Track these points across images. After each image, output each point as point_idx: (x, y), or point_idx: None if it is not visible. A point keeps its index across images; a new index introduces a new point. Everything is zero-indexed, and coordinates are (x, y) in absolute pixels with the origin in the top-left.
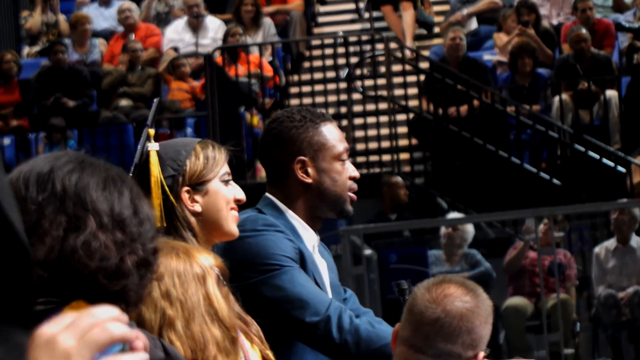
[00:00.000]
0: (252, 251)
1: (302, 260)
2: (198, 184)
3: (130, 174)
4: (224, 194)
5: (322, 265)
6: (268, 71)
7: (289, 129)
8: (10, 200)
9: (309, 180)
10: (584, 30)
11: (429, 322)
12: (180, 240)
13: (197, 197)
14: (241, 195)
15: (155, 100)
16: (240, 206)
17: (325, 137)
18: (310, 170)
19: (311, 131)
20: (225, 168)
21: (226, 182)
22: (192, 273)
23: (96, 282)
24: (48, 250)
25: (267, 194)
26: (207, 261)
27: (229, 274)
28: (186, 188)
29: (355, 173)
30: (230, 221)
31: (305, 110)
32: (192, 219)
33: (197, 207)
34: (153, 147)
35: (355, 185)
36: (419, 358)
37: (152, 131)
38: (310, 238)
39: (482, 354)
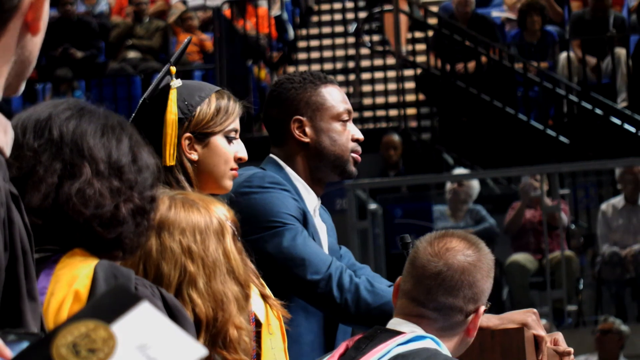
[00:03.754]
0: (257, 208)
1: (305, 222)
2: (201, 134)
3: (138, 107)
4: (225, 151)
5: (322, 229)
6: (272, 27)
7: (287, 90)
8: None
9: (307, 140)
10: None
11: (430, 275)
12: (173, 181)
13: (197, 147)
14: (243, 153)
15: (188, 38)
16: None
17: (324, 97)
18: (307, 129)
19: (309, 91)
20: (234, 124)
21: (230, 140)
22: (213, 229)
23: (91, 229)
24: (43, 197)
25: (271, 155)
26: (222, 214)
27: (240, 227)
28: (188, 134)
29: (359, 135)
30: (226, 178)
31: (307, 73)
32: (188, 165)
33: (194, 156)
34: (176, 84)
35: (359, 148)
36: (420, 311)
37: (174, 69)
38: (311, 201)
39: (482, 308)
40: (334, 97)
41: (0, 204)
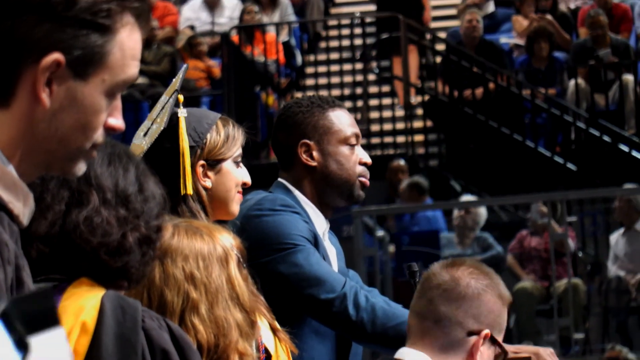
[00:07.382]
0: (269, 230)
1: (316, 244)
2: (214, 161)
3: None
4: (235, 176)
5: (332, 252)
6: (280, 52)
7: (295, 114)
8: None
9: (314, 164)
10: (602, 16)
11: (434, 286)
12: (187, 210)
13: (210, 173)
14: (248, 179)
15: (184, 65)
16: (252, 187)
17: (331, 121)
18: (315, 153)
19: (317, 115)
20: (239, 150)
21: (237, 164)
22: (216, 255)
23: (98, 258)
24: (50, 225)
25: (279, 179)
26: (228, 242)
27: (246, 254)
28: (202, 162)
29: (367, 159)
30: (234, 202)
31: (315, 97)
32: (203, 192)
33: (208, 183)
34: (183, 113)
35: (366, 172)
36: (422, 326)
37: (181, 97)
38: (320, 224)
39: (486, 331)
40: (342, 120)
41: (9, 263)
